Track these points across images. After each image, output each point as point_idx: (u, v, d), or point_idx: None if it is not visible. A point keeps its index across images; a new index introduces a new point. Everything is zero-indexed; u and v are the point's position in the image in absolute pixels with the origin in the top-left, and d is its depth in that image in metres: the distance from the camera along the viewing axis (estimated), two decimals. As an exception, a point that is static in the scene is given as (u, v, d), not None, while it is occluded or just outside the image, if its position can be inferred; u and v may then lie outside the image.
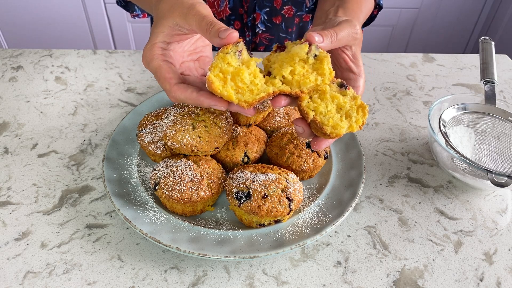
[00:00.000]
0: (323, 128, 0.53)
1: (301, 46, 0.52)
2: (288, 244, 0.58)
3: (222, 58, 0.51)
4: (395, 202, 0.71)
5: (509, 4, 2.21)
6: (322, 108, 0.53)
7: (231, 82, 0.51)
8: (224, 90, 0.50)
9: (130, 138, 0.77)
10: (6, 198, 0.69)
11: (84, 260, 0.60)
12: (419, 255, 0.62)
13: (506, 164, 0.74)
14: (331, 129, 0.53)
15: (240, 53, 0.52)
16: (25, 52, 1.09)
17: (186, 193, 0.61)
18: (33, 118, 0.87)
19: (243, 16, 1.04)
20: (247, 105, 0.51)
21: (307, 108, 0.53)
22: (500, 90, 1.02)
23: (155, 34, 0.56)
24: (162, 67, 0.54)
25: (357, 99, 0.55)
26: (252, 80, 0.52)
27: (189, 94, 0.52)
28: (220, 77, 0.51)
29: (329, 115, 0.53)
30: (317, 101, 0.54)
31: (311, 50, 0.52)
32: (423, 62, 1.11)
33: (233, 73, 0.51)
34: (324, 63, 0.53)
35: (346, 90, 0.55)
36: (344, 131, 0.53)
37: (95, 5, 2.22)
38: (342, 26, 0.56)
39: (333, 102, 0.54)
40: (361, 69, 0.59)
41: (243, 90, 0.51)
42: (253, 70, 0.52)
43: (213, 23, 0.50)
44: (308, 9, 1.05)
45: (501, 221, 0.68)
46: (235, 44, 0.51)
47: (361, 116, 0.54)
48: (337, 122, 0.53)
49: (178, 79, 0.54)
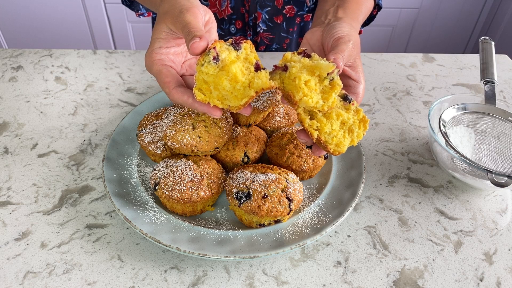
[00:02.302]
0: (327, 146, 0.54)
1: (329, 65, 0.51)
2: (288, 244, 0.58)
3: (199, 71, 0.51)
4: (395, 202, 0.71)
5: (509, 4, 2.21)
6: (327, 128, 0.53)
7: (214, 91, 0.52)
8: (210, 100, 0.52)
9: (130, 138, 0.77)
10: (6, 198, 0.69)
11: (84, 260, 0.60)
12: (419, 255, 0.62)
13: (506, 164, 0.73)
14: (335, 147, 0.54)
15: (216, 58, 0.51)
16: (25, 52, 1.09)
17: (186, 193, 0.61)
18: (33, 118, 0.87)
19: (244, 15, 1.05)
20: (236, 109, 0.52)
21: (311, 128, 0.53)
22: (500, 90, 1.02)
23: (153, 40, 0.57)
24: (162, 71, 0.55)
25: (360, 113, 0.55)
26: (234, 85, 0.51)
27: (186, 99, 0.53)
28: (204, 88, 0.52)
29: (333, 134, 0.54)
30: (322, 121, 0.53)
31: (333, 72, 0.52)
32: (423, 62, 1.11)
33: (215, 82, 0.51)
34: (334, 92, 0.52)
35: (350, 104, 0.55)
36: (345, 148, 0.54)
37: (95, 5, 2.22)
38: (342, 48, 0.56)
39: (338, 120, 0.54)
40: (360, 75, 0.59)
41: (228, 95, 0.52)
42: (233, 75, 0.50)
43: (189, 32, 0.51)
44: (308, 8, 1.05)
45: (501, 221, 0.68)
46: (206, 54, 0.51)
47: (362, 130, 0.54)
48: (340, 140, 0.54)
49: (177, 83, 0.55)
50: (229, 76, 0.50)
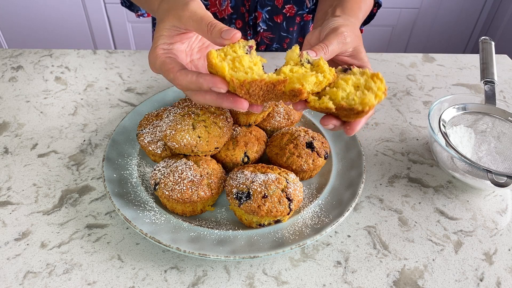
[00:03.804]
0: (353, 108, 0.51)
1: (292, 49, 0.53)
2: (288, 244, 0.58)
3: (231, 46, 0.52)
4: (395, 202, 0.71)
5: (509, 4, 2.21)
6: (341, 93, 0.52)
7: (229, 61, 0.51)
8: (220, 65, 0.50)
9: (130, 138, 0.77)
10: (6, 198, 0.69)
11: (84, 260, 0.60)
12: (419, 255, 0.62)
13: (506, 164, 0.73)
14: (362, 105, 0.51)
15: (249, 49, 0.53)
16: (25, 52, 1.09)
17: (186, 193, 0.61)
18: (33, 118, 0.87)
19: (244, 15, 1.05)
20: (238, 83, 0.50)
21: (323, 103, 0.52)
22: (500, 90, 1.02)
23: (156, 38, 0.57)
24: (165, 61, 0.54)
25: (367, 72, 0.54)
26: (250, 66, 0.52)
27: (190, 78, 0.51)
28: (221, 56, 0.51)
29: (351, 96, 0.52)
30: (332, 91, 0.53)
31: (302, 55, 0.53)
32: (423, 62, 1.11)
33: (234, 56, 0.51)
34: (321, 63, 0.53)
35: (352, 69, 0.55)
36: (374, 101, 0.51)
37: (95, 5, 2.22)
38: (329, 39, 0.57)
39: (348, 84, 0.53)
40: (364, 60, 0.60)
41: (238, 70, 0.51)
42: (255, 60, 0.52)
43: (213, 24, 0.52)
44: (308, 9, 1.05)
45: (501, 221, 0.68)
46: (246, 40, 0.53)
47: (379, 83, 0.52)
48: (362, 97, 0.51)
49: (181, 67, 0.53)
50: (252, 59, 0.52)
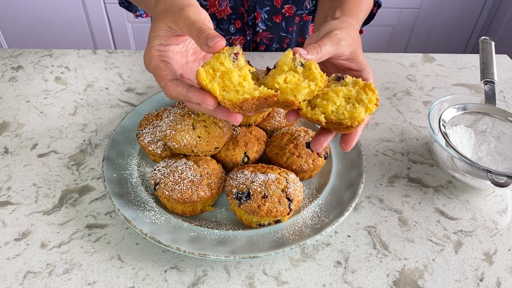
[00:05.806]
0: (342, 123, 0.51)
1: (286, 53, 0.52)
2: (288, 244, 0.58)
3: (217, 57, 0.51)
4: (395, 202, 0.71)
5: (509, 4, 2.21)
6: (331, 107, 0.52)
7: (219, 79, 0.50)
8: (209, 83, 0.49)
9: (130, 138, 0.77)
10: (6, 198, 0.69)
11: (84, 260, 0.60)
12: (419, 255, 0.62)
13: (506, 164, 0.73)
14: (351, 120, 0.51)
15: (236, 56, 0.51)
16: (25, 52, 1.09)
17: (186, 193, 0.61)
18: (33, 118, 0.87)
19: (243, 15, 1.05)
20: (231, 104, 0.49)
21: (315, 115, 0.52)
22: (500, 90, 1.02)
23: (151, 38, 0.57)
24: (159, 66, 0.54)
25: (359, 82, 0.54)
26: (240, 82, 0.50)
27: (180, 90, 0.52)
28: (210, 73, 0.50)
29: (340, 110, 0.52)
30: (322, 104, 0.52)
31: (295, 58, 0.52)
32: (423, 62, 1.11)
33: (223, 72, 0.50)
34: (313, 68, 0.52)
35: (344, 79, 0.54)
36: (363, 115, 0.51)
37: (95, 5, 2.22)
38: (323, 40, 0.56)
39: (339, 96, 0.53)
40: (361, 63, 0.59)
41: (229, 89, 0.50)
42: (244, 74, 0.51)
43: (202, 30, 0.51)
44: (308, 10, 1.05)
45: (501, 221, 0.68)
46: (231, 47, 0.52)
47: (371, 95, 0.52)
48: (352, 112, 0.51)
49: (174, 76, 0.53)
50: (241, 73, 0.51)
